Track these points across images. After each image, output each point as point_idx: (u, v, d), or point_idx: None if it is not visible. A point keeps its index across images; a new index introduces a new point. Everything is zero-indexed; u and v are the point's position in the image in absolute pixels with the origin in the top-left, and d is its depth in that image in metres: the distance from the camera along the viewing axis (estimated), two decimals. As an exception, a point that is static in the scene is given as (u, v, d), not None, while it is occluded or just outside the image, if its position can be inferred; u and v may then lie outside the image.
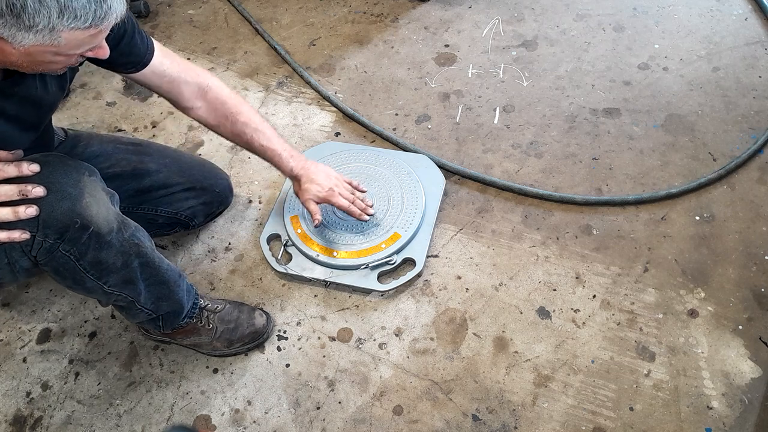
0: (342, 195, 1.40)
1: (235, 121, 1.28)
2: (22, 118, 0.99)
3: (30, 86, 0.97)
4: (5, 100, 0.94)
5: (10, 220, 0.89)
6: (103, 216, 0.98)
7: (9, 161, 0.91)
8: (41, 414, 1.31)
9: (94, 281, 1.05)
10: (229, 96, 1.29)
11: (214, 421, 1.28)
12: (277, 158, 1.34)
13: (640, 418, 1.21)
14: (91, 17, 0.78)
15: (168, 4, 2.27)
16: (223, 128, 1.31)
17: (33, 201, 0.90)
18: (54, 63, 0.86)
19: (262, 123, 1.32)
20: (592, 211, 1.54)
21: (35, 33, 0.77)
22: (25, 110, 0.99)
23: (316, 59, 2.00)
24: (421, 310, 1.40)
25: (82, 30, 0.80)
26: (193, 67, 1.26)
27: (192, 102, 1.27)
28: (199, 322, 1.30)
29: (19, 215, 0.89)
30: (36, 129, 1.06)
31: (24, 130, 1.01)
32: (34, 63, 0.84)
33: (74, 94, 1.95)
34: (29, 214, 0.89)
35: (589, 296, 1.39)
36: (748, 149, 1.61)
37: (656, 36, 1.95)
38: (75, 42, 0.82)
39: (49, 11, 0.75)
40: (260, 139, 1.31)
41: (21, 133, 1.01)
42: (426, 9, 2.13)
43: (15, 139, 0.99)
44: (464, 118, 1.78)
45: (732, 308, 1.35)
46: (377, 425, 1.24)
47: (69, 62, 0.88)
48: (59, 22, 0.76)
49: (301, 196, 1.39)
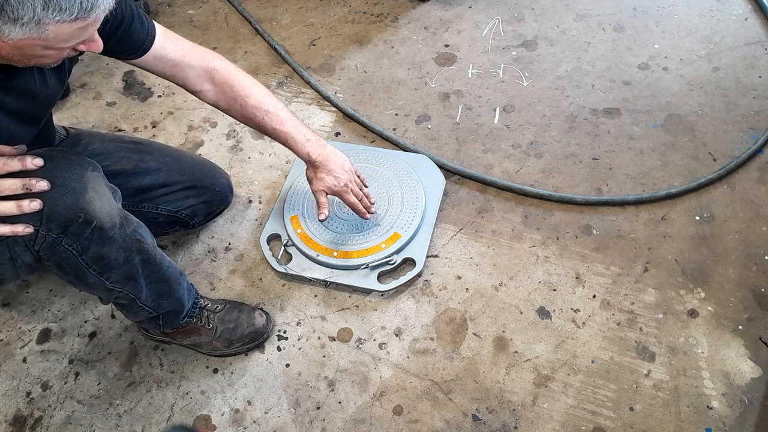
0: (353, 191, 1.36)
1: (245, 104, 1.24)
2: (23, 112, 0.99)
3: (28, 79, 0.97)
4: (5, 94, 0.94)
5: (14, 213, 0.89)
6: (106, 211, 0.98)
7: (12, 156, 0.91)
8: (41, 414, 1.31)
9: (96, 277, 1.05)
10: (237, 77, 1.25)
11: (214, 421, 1.28)
12: (291, 142, 1.28)
13: (640, 418, 1.21)
14: (76, 10, 0.77)
15: (168, 4, 2.27)
16: (234, 112, 1.27)
17: (37, 195, 0.90)
18: (45, 57, 0.85)
19: (274, 105, 1.26)
20: (592, 211, 1.54)
21: (21, 26, 0.76)
22: (25, 104, 0.99)
23: (316, 59, 2.00)
24: (421, 310, 1.40)
25: (68, 23, 0.79)
26: (198, 50, 1.22)
27: (200, 85, 1.24)
28: (199, 322, 1.30)
29: (23, 209, 0.89)
30: (37, 123, 1.06)
31: (25, 124, 1.01)
32: (25, 57, 0.84)
33: (74, 94, 1.95)
34: (33, 208, 0.89)
35: (589, 296, 1.39)
36: (748, 149, 1.61)
37: (656, 36, 1.95)
38: (63, 35, 0.81)
39: (33, 3, 0.74)
40: (272, 122, 1.26)
41: (22, 128, 1.01)
42: (426, 9, 2.13)
43: (16, 133, 0.99)
44: (464, 118, 1.78)
45: (732, 308, 1.35)
46: (377, 425, 1.24)
47: (61, 55, 0.88)
48: (44, 15, 0.76)
49: (314, 185, 1.34)
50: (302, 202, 1.54)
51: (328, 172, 1.32)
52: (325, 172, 1.31)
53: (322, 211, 1.33)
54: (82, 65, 1.18)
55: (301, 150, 1.29)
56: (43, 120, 1.09)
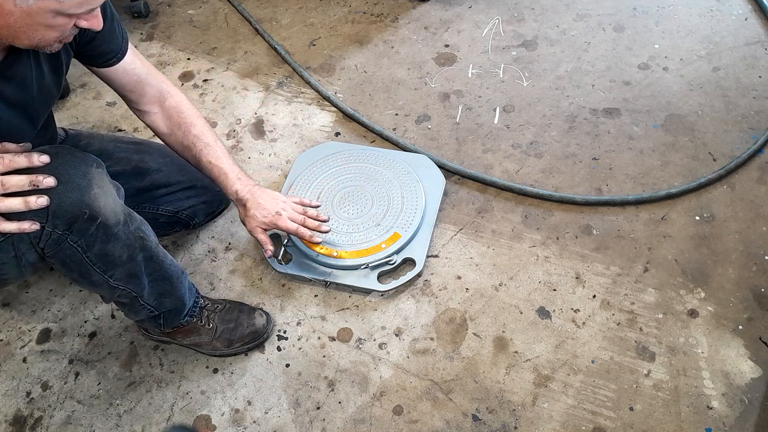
0: (290, 218, 1.31)
1: (188, 132, 1.25)
2: (21, 105, 0.99)
3: (26, 67, 0.97)
4: (4, 83, 0.94)
5: (21, 210, 0.89)
6: (111, 208, 0.98)
7: (19, 153, 0.91)
8: (41, 414, 1.31)
9: (100, 274, 1.05)
10: (188, 107, 1.27)
11: (214, 421, 1.28)
12: (223, 177, 1.26)
13: (640, 418, 1.21)
14: None
15: (168, 4, 2.27)
16: (174, 137, 1.27)
17: (43, 191, 0.90)
18: (51, 29, 0.85)
19: (214, 140, 1.27)
20: (592, 211, 1.54)
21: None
22: (23, 95, 0.99)
23: (316, 59, 2.00)
24: (421, 310, 1.40)
25: None
26: (157, 72, 1.26)
27: (150, 106, 1.26)
28: (199, 322, 1.30)
29: (30, 205, 0.89)
30: (36, 120, 1.06)
31: (25, 118, 1.01)
32: (31, 28, 0.84)
33: (74, 94, 1.96)
34: (40, 204, 0.89)
35: (589, 296, 1.39)
36: (748, 149, 1.61)
37: (656, 36, 1.95)
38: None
39: None
40: (209, 155, 1.25)
41: (22, 122, 1.01)
42: (426, 9, 2.13)
43: (19, 128, 0.99)
44: (464, 118, 1.78)
45: (732, 308, 1.35)
46: (377, 425, 1.24)
47: (65, 31, 0.88)
48: None
49: (248, 224, 1.30)
50: (302, 202, 1.54)
51: (257, 207, 1.28)
52: (254, 207, 1.28)
53: (266, 248, 1.31)
54: (82, 65, 1.17)
55: (230, 187, 1.27)
56: (43, 118, 1.09)
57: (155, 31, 2.17)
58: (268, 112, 1.86)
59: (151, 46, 2.11)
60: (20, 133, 0.99)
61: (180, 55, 2.07)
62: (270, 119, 1.83)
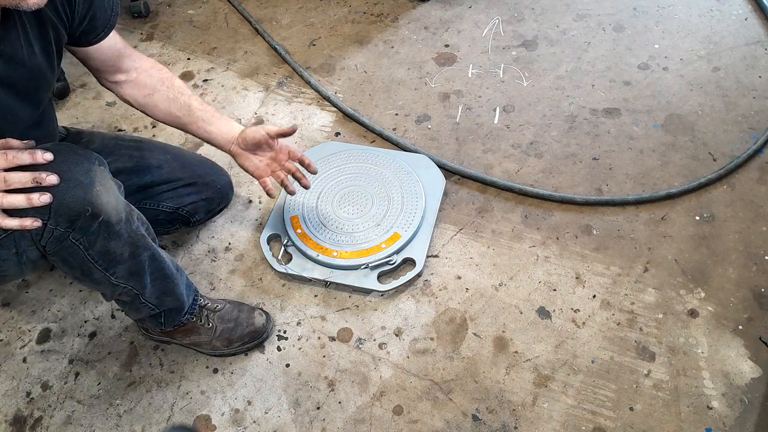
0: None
1: (172, 85, 1.27)
2: (14, 82, 0.98)
3: (14, 44, 0.95)
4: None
5: (24, 206, 0.89)
6: (113, 205, 0.98)
7: (22, 149, 0.91)
8: (41, 414, 1.31)
9: (102, 272, 1.05)
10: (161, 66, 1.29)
11: (214, 421, 1.28)
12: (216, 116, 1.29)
13: (640, 418, 1.21)
14: None
15: (168, 4, 2.27)
16: (157, 96, 1.27)
17: (46, 189, 0.90)
18: None
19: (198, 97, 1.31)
20: (592, 211, 1.54)
21: None
22: (15, 72, 0.97)
23: (316, 59, 2.00)
24: (421, 310, 1.40)
25: None
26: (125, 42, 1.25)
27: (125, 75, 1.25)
28: (198, 321, 1.30)
29: (32, 202, 0.88)
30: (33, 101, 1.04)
31: (20, 99, 1.00)
32: None
33: (74, 94, 1.96)
34: (43, 201, 0.89)
35: (589, 296, 1.39)
36: (748, 149, 1.61)
37: (656, 36, 1.95)
38: None
39: None
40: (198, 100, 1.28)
41: (17, 102, 0.99)
42: (426, 9, 2.13)
43: (14, 109, 0.98)
44: (464, 118, 1.78)
45: (732, 308, 1.35)
46: (377, 425, 1.24)
47: None
48: None
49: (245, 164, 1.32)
50: (302, 202, 1.54)
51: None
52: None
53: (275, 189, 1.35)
54: (82, 65, 1.17)
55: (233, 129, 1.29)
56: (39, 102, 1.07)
57: (155, 31, 2.17)
58: (268, 112, 1.86)
59: (151, 46, 2.11)
60: (13, 115, 0.98)
61: (180, 55, 2.07)
62: (270, 119, 1.83)
